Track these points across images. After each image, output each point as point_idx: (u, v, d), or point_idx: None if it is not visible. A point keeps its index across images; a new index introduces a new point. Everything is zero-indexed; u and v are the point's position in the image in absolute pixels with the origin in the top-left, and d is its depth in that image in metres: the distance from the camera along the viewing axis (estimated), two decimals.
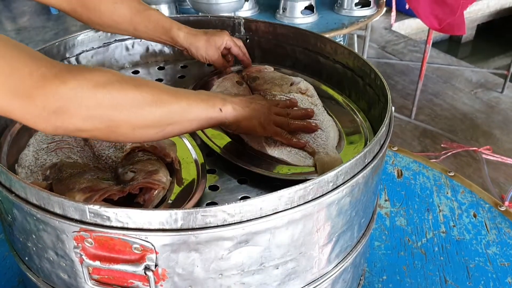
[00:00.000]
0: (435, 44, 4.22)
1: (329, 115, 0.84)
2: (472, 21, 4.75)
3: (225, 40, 0.90)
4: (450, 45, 4.76)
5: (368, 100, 0.85)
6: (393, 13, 2.92)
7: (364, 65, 0.84)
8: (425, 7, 2.31)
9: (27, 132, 0.77)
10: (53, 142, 0.72)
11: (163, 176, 0.67)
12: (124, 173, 0.66)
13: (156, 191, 0.65)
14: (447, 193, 1.05)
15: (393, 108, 0.71)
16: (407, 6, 2.44)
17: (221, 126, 0.73)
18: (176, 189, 0.69)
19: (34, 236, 0.58)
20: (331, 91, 0.91)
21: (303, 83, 0.87)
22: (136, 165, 0.68)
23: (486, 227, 0.97)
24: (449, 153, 2.48)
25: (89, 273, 0.56)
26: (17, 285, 0.84)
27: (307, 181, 0.54)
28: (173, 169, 0.71)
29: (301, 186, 0.54)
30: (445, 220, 0.99)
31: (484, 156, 2.41)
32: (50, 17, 4.34)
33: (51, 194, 0.53)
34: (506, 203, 1.44)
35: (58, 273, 0.60)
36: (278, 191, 0.53)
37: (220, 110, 0.66)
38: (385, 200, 1.03)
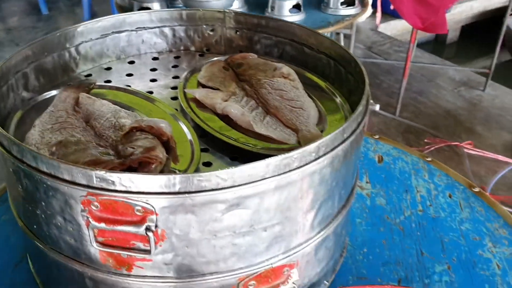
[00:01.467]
0: (421, 45, 4.33)
1: (311, 98, 0.90)
2: (456, 23, 4.87)
3: None
4: (436, 46, 4.88)
5: (349, 87, 0.91)
6: (378, 14, 3.02)
7: (346, 55, 0.90)
8: (409, 7, 2.39)
9: (29, 117, 0.83)
10: (57, 123, 0.78)
11: (160, 153, 0.73)
12: (124, 149, 0.72)
13: (154, 166, 0.71)
14: (424, 176, 1.13)
15: (372, 101, 0.78)
16: (392, 7, 2.53)
17: None
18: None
19: (43, 204, 0.64)
20: (315, 79, 0.98)
21: (285, 68, 0.94)
22: (135, 143, 0.73)
23: (460, 206, 1.05)
24: (432, 148, 2.56)
25: (95, 236, 0.62)
26: (20, 261, 0.89)
27: (292, 151, 0.61)
28: (169, 147, 0.77)
29: (287, 155, 0.60)
30: (422, 200, 1.06)
31: (466, 150, 2.50)
32: (40, 17, 4.38)
33: (60, 162, 0.59)
34: (487, 194, 1.51)
35: (65, 238, 0.65)
36: (266, 159, 0.59)
37: None
38: (366, 182, 1.10)
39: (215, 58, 1.02)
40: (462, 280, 0.88)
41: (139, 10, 1.89)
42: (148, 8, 1.88)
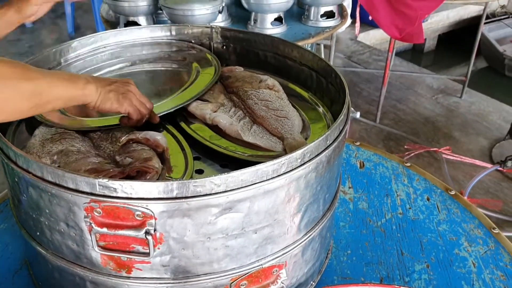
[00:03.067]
0: (400, 54, 4.44)
1: (294, 107, 0.96)
2: (433, 31, 5.01)
3: None
4: (414, 54, 5.00)
5: (330, 97, 0.97)
6: (357, 24, 3.09)
7: (326, 67, 0.96)
8: (386, 17, 2.47)
9: (24, 126, 0.87)
10: (56, 134, 0.82)
11: (156, 163, 0.78)
12: (122, 159, 0.77)
13: (150, 175, 0.76)
14: (404, 181, 1.19)
15: (352, 109, 0.84)
16: (370, 17, 2.60)
17: (86, 105, 0.79)
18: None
19: (47, 211, 0.68)
20: (298, 89, 1.04)
21: (270, 80, 1.00)
22: (132, 153, 0.78)
23: (438, 208, 1.11)
24: (412, 154, 2.65)
25: (96, 240, 0.66)
26: (20, 268, 0.92)
27: (280, 157, 0.66)
28: (164, 158, 0.82)
29: (274, 161, 0.65)
30: (402, 203, 1.12)
31: (444, 156, 2.59)
32: (24, 30, 4.38)
33: (65, 171, 0.63)
34: (465, 197, 1.58)
35: (67, 243, 0.69)
36: (256, 166, 0.64)
37: (83, 89, 0.75)
38: (349, 187, 1.16)
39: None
40: (440, 278, 0.94)
41: (125, 24, 1.94)
42: (135, 22, 1.93)
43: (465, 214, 1.10)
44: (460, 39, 4.89)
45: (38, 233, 0.73)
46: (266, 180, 0.66)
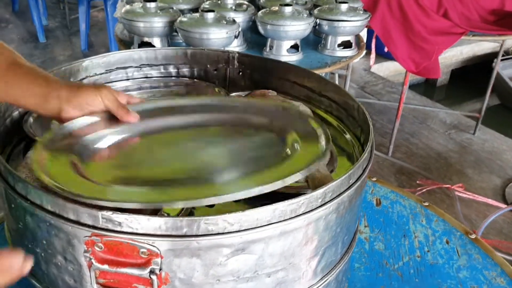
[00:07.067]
0: (412, 87, 4.41)
1: None
2: (447, 66, 4.98)
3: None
4: (426, 88, 4.97)
5: (358, 129, 0.92)
6: (373, 55, 3.07)
7: (349, 99, 0.92)
8: (403, 51, 2.45)
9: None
10: None
11: None
12: None
13: None
14: (422, 221, 1.13)
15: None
16: (386, 49, 2.58)
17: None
18: None
19: (44, 242, 0.63)
20: (330, 118, 0.98)
21: (302, 107, 0.95)
22: None
23: (458, 253, 1.04)
24: (424, 190, 2.58)
25: (96, 277, 0.61)
26: None
27: (299, 196, 0.61)
28: None
29: (293, 200, 0.60)
30: (420, 245, 1.05)
31: (457, 193, 2.52)
32: (37, 45, 4.40)
33: (66, 201, 0.58)
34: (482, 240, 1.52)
35: (64, 278, 0.64)
36: (273, 204, 0.59)
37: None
38: (365, 226, 1.10)
39: (235, 94, 1.03)
40: None
41: (139, 44, 1.91)
42: (149, 43, 1.90)
43: (486, 260, 1.04)
44: (473, 75, 4.87)
45: (32, 264, 0.68)
46: (284, 220, 0.60)
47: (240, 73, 1.10)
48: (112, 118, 0.78)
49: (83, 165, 0.69)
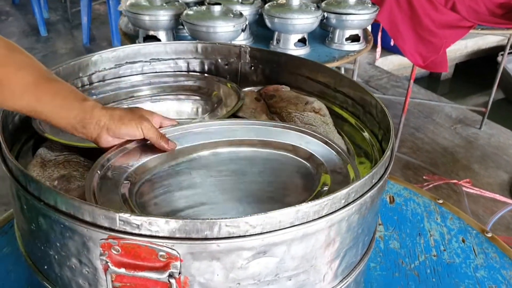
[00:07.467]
0: (416, 81, 4.35)
1: (340, 134, 0.89)
2: (451, 60, 4.92)
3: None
4: (430, 82, 4.93)
5: (376, 126, 0.89)
6: (378, 49, 3.03)
7: (367, 96, 0.89)
8: (410, 45, 2.41)
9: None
10: (61, 155, 0.75)
11: None
12: None
13: None
14: (436, 219, 1.10)
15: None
16: (392, 43, 2.54)
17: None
18: None
19: (58, 244, 0.60)
20: (346, 115, 0.96)
21: (316, 103, 0.93)
22: None
23: (474, 252, 1.02)
24: (431, 185, 2.55)
25: (112, 281, 0.58)
26: None
27: (322, 198, 0.58)
28: None
29: (316, 202, 0.58)
30: (436, 244, 1.03)
31: (464, 188, 2.49)
32: (39, 39, 4.37)
33: (82, 203, 0.56)
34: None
35: (78, 281, 0.62)
36: (296, 206, 0.57)
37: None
38: (379, 224, 1.07)
39: (247, 89, 1.01)
40: None
41: (144, 38, 1.88)
42: (154, 36, 1.87)
43: (503, 259, 1.02)
44: (477, 69, 4.83)
45: (45, 267, 0.66)
46: (307, 222, 0.58)
47: (252, 68, 1.07)
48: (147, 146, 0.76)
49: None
